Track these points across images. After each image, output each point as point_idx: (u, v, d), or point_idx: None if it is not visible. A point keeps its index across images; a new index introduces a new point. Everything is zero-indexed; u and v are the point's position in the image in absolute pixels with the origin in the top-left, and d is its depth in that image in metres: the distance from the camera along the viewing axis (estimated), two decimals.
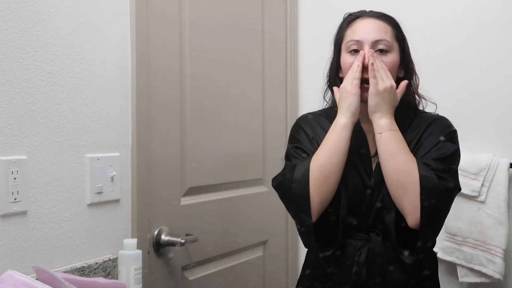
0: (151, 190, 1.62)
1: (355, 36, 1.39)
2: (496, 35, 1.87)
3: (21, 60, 1.28)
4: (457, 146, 1.37)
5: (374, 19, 1.41)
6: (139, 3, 1.56)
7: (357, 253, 1.37)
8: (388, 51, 1.38)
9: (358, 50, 1.38)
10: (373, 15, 1.42)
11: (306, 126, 1.49)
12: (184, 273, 1.76)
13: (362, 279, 1.35)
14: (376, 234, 1.37)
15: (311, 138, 1.45)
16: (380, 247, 1.36)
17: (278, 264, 2.18)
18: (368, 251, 1.36)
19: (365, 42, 1.37)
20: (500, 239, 1.77)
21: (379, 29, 1.39)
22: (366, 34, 1.38)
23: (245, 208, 2.00)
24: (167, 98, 1.68)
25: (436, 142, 1.35)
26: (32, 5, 1.30)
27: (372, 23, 1.40)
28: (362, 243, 1.37)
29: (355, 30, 1.41)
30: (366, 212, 1.37)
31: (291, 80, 2.27)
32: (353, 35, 1.40)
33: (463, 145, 1.43)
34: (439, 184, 1.27)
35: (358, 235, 1.38)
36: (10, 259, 1.26)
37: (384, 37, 1.38)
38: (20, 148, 1.28)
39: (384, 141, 1.32)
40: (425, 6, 2.00)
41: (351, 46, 1.39)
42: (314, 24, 2.27)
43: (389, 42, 1.38)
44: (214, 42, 1.86)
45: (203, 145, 1.82)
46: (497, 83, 1.86)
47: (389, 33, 1.39)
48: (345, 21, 1.46)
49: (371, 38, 1.37)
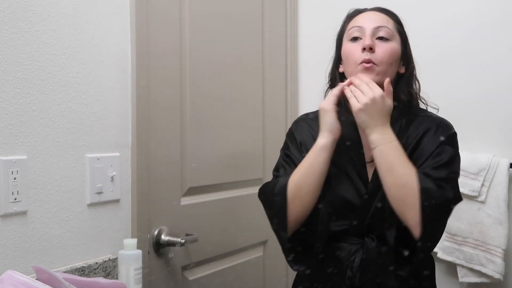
0: (151, 190, 1.62)
1: (356, 23, 1.40)
2: (496, 35, 1.87)
3: (21, 60, 1.28)
4: (456, 151, 1.36)
5: (376, 12, 1.43)
6: (139, 3, 1.56)
7: (351, 257, 1.35)
8: (389, 39, 1.38)
9: (358, 38, 1.38)
10: (375, 9, 1.44)
11: (298, 132, 1.48)
12: (184, 273, 1.76)
13: (356, 284, 1.34)
14: (371, 239, 1.35)
15: (299, 146, 1.45)
16: (374, 252, 1.34)
17: (278, 264, 2.18)
18: (362, 256, 1.35)
19: (366, 28, 1.37)
20: (500, 239, 1.77)
21: (380, 18, 1.40)
22: (367, 21, 1.39)
23: (245, 208, 2.00)
24: (167, 98, 1.68)
25: (436, 147, 1.33)
26: (32, 5, 1.30)
27: (373, 14, 1.42)
28: (356, 248, 1.36)
29: (356, 20, 1.42)
30: (361, 218, 1.35)
31: (291, 80, 2.27)
32: (354, 23, 1.41)
33: (463, 145, 1.43)
34: (439, 196, 1.24)
35: (353, 239, 1.37)
36: (10, 259, 1.26)
37: (385, 24, 1.38)
38: (20, 148, 1.28)
39: (379, 156, 1.29)
40: (425, 5, 2.00)
41: (352, 33, 1.39)
42: (314, 24, 2.27)
43: (390, 30, 1.38)
44: (214, 42, 1.86)
45: (203, 145, 1.82)
46: (497, 83, 1.86)
47: (391, 24, 1.40)
48: (347, 16, 1.47)
49: (372, 25, 1.37)
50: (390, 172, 1.28)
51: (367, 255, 1.34)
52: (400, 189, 1.26)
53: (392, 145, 1.29)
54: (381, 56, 1.35)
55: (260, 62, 2.11)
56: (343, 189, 1.37)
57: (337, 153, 1.37)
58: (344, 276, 1.35)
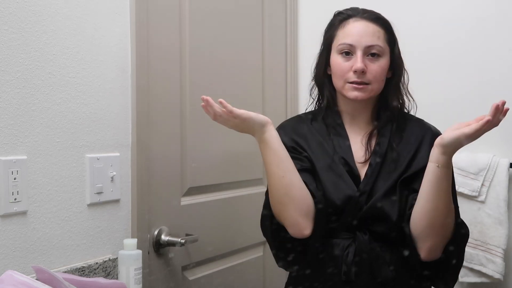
0: (151, 190, 1.62)
1: (347, 40, 1.39)
2: (496, 34, 1.87)
3: (21, 60, 1.28)
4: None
5: (367, 22, 1.40)
6: (139, 3, 1.56)
7: (344, 252, 1.36)
8: (380, 56, 1.38)
9: (349, 53, 1.38)
10: (366, 17, 1.40)
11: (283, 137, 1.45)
12: (184, 273, 1.76)
13: (351, 278, 1.35)
14: (363, 233, 1.36)
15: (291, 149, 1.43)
16: (367, 245, 1.35)
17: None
18: (356, 250, 1.35)
19: (357, 47, 1.37)
20: (500, 239, 1.77)
21: (372, 33, 1.38)
22: (359, 38, 1.37)
23: (245, 208, 2.00)
24: (167, 98, 1.68)
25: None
26: (32, 5, 1.30)
27: (365, 27, 1.39)
28: (349, 242, 1.36)
29: (347, 33, 1.39)
30: (352, 214, 1.36)
31: (291, 80, 2.27)
32: (345, 38, 1.39)
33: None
34: (466, 233, 1.36)
35: (345, 234, 1.38)
36: (10, 259, 1.26)
37: (376, 42, 1.38)
38: (20, 148, 1.28)
39: (439, 176, 1.27)
40: (423, 5, 2.00)
41: (343, 49, 1.39)
42: (314, 24, 2.25)
43: (381, 48, 1.38)
44: (214, 42, 1.87)
45: (203, 145, 1.82)
46: (497, 83, 1.86)
47: (382, 38, 1.39)
48: (336, 19, 1.45)
49: (363, 43, 1.37)
50: (439, 197, 1.28)
51: (360, 249, 1.35)
52: (441, 215, 1.29)
53: (450, 172, 1.30)
54: (373, 75, 1.38)
55: (260, 62, 2.11)
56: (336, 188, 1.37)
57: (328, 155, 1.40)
58: (340, 271, 1.35)
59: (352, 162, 1.40)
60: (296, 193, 1.34)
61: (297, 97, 2.29)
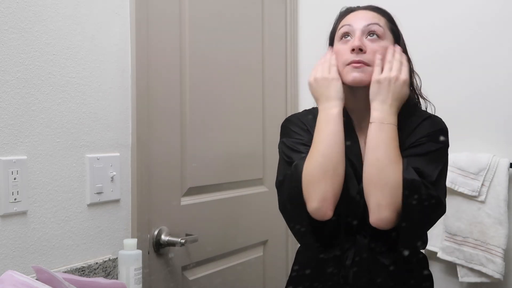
0: (151, 190, 1.62)
1: (346, 22, 1.39)
2: (496, 35, 1.87)
3: (21, 60, 1.28)
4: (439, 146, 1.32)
5: (367, 10, 1.40)
6: (139, 3, 1.56)
7: (344, 255, 1.35)
8: (380, 38, 1.35)
9: (349, 34, 1.36)
10: (367, 7, 1.42)
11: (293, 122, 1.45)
12: (184, 273, 1.76)
13: (349, 282, 1.34)
14: (362, 237, 1.34)
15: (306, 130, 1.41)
16: (366, 249, 1.33)
17: (278, 264, 2.18)
18: (355, 254, 1.34)
19: (356, 27, 1.35)
20: (500, 239, 1.77)
21: (371, 16, 1.38)
22: (358, 19, 1.37)
23: (245, 208, 2.00)
24: (167, 98, 1.68)
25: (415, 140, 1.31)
26: (32, 5, 1.30)
27: (365, 13, 1.39)
28: (348, 245, 1.35)
29: (347, 18, 1.40)
30: (353, 216, 1.34)
31: (291, 80, 2.27)
32: (345, 21, 1.40)
33: (463, 145, 1.43)
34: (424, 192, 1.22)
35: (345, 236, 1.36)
36: (10, 259, 1.26)
37: (376, 21, 1.36)
38: (20, 148, 1.28)
39: (371, 131, 1.27)
40: (425, 6, 2.00)
41: (343, 32, 1.37)
42: (314, 24, 2.27)
43: (381, 28, 1.35)
44: (214, 42, 1.87)
45: (203, 145, 1.82)
46: (497, 83, 1.86)
47: (382, 21, 1.38)
48: (339, 15, 1.46)
49: (362, 23, 1.35)
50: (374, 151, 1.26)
51: (359, 252, 1.34)
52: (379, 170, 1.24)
53: (388, 127, 1.27)
54: (373, 56, 1.33)
55: (260, 62, 2.11)
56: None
57: None
58: (338, 274, 1.35)
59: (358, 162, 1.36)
60: (341, 173, 1.30)
61: (297, 97, 2.29)
